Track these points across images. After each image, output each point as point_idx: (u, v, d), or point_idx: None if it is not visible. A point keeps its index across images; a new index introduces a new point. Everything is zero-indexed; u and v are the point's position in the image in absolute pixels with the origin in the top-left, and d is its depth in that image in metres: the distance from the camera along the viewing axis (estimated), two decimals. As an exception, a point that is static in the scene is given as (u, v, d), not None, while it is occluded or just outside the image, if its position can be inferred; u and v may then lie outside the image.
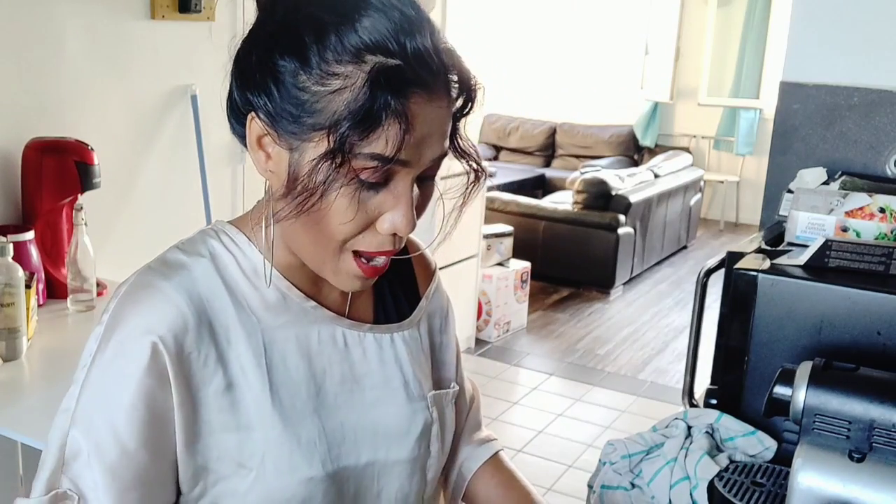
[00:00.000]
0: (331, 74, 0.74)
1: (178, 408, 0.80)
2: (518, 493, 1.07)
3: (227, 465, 0.82)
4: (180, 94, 2.60)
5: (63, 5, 2.21)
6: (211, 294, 0.83)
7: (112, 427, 0.78)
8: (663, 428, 1.34)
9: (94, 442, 0.78)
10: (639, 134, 7.84)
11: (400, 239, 0.82)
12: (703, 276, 1.49)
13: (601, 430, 3.70)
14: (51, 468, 0.80)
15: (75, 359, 0.84)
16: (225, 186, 2.83)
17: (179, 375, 0.79)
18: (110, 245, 2.39)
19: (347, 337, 0.90)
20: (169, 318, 0.79)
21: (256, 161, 0.81)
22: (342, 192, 0.76)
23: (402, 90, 0.74)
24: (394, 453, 0.91)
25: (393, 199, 0.78)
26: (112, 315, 0.81)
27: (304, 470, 0.84)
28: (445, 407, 0.99)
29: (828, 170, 1.76)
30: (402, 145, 0.74)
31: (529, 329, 4.91)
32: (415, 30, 0.75)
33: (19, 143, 2.07)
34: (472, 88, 0.80)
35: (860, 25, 1.81)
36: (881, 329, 1.20)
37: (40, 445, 1.47)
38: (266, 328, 0.85)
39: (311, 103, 0.75)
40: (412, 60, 0.74)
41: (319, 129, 0.75)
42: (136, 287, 0.82)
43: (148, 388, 0.78)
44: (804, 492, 0.99)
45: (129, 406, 0.78)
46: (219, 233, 0.88)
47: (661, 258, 6.43)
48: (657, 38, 7.98)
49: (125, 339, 0.79)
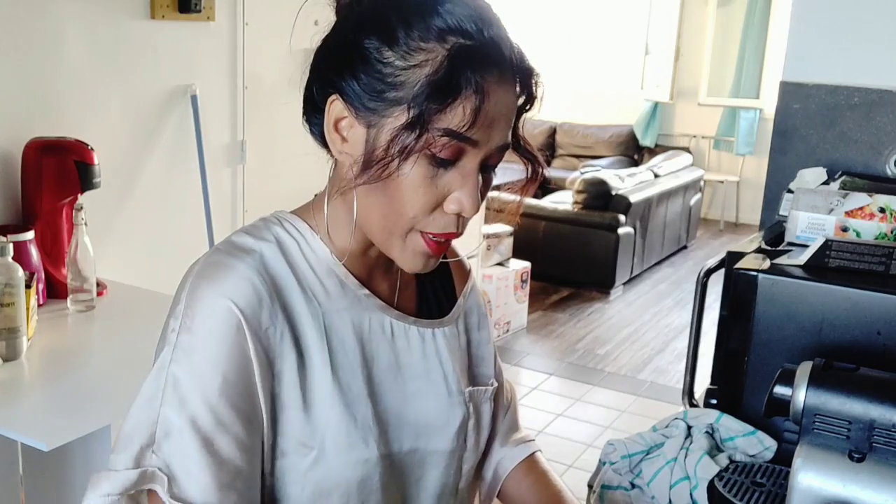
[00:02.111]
0: (415, 50, 0.79)
1: (260, 378, 0.82)
2: (550, 492, 1.08)
3: (290, 441, 0.84)
4: (180, 94, 2.60)
5: (63, 5, 2.20)
6: (279, 276, 0.86)
7: (206, 400, 0.79)
8: (663, 428, 1.34)
9: (188, 416, 0.79)
10: (639, 134, 7.84)
11: (463, 222, 0.85)
12: (703, 276, 1.49)
13: (601, 430, 3.70)
14: (140, 444, 0.79)
15: (75, 359, 0.84)
16: (225, 186, 2.83)
17: (259, 348, 0.82)
18: (110, 245, 2.39)
19: (395, 327, 0.94)
20: (245, 293, 0.82)
21: (332, 143, 0.85)
22: (417, 164, 0.80)
23: (480, 67, 0.79)
24: (433, 444, 0.94)
25: (461, 178, 0.82)
26: (189, 293, 0.83)
27: (362, 450, 0.86)
28: (482, 403, 1.01)
29: (828, 170, 1.76)
30: (476, 120, 0.79)
31: (529, 329, 4.91)
32: (491, 20, 0.82)
33: (19, 143, 2.07)
34: (535, 85, 0.86)
35: (860, 25, 1.81)
36: (881, 329, 1.20)
37: (40, 445, 1.47)
38: (326, 311, 0.88)
39: (393, 76, 0.80)
40: (489, 44, 0.80)
41: (400, 102, 0.80)
42: (208, 266, 0.84)
43: (237, 359, 0.80)
44: (804, 492, 0.99)
45: (222, 378, 0.80)
46: (282, 221, 0.91)
47: (661, 258, 6.42)
48: (657, 38, 7.98)
49: (208, 315, 0.81)
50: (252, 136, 2.86)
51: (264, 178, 2.90)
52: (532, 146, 0.90)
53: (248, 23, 2.75)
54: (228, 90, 2.78)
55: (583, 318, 5.16)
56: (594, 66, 8.31)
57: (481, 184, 0.84)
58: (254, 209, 2.88)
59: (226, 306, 0.81)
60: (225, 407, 0.80)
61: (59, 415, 1.60)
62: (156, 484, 0.78)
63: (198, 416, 0.79)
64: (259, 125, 2.86)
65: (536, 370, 4.34)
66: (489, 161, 0.84)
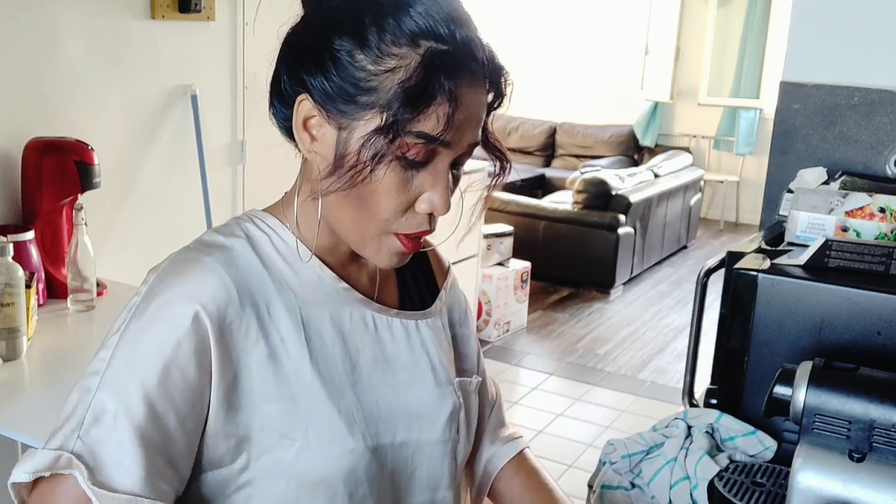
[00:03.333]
0: (387, 55, 0.79)
1: (217, 377, 0.81)
2: (541, 490, 1.08)
3: (270, 436, 0.84)
4: (180, 94, 2.60)
5: (63, 5, 2.21)
6: (250, 270, 0.86)
7: (143, 388, 0.78)
8: (663, 428, 1.34)
9: (122, 402, 0.78)
10: (639, 134, 7.84)
11: (434, 220, 0.86)
12: (703, 276, 1.48)
13: (601, 430, 3.70)
14: (70, 426, 0.79)
15: (75, 359, 0.85)
16: (225, 186, 2.83)
17: (220, 344, 0.81)
18: (110, 245, 2.39)
19: (377, 320, 0.93)
20: (212, 288, 0.81)
21: (301, 142, 0.85)
22: (390, 169, 0.81)
23: (453, 73, 0.79)
24: (426, 434, 0.94)
25: (432, 178, 0.83)
26: (151, 286, 0.83)
27: (346, 441, 0.86)
28: (470, 395, 1.02)
29: (828, 170, 1.76)
30: (449, 125, 0.79)
31: (529, 329, 4.91)
32: (463, 21, 0.81)
33: (19, 143, 2.07)
34: (504, 83, 0.86)
35: (860, 25, 1.81)
36: (881, 329, 1.20)
37: (40, 445, 1.47)
38: (303, 304, 0.88)
39: (366, 81, 0.80)
40: (461, 48, 0.80)
41: (372, 106, 0.80)
42: (176, 262, 0.84)
43: (184, 355, 0.79)
44: (804, 492, 0.99)
45: (164, 369, 0.79)
46: (252, 217, 0.91)
47: (661, 258, 6.42)
48: (657, 38, 7.98)
49: (165, 305, 0.80)
50: (252, 136, 2.86)
51: (264, 178, 2.90)
52: (500, 142, 0.91)
53: (248, 23, 2.76)
54: (228, 90, 2.78)
55: (583, 318, 5.16)
56: (594, 66, 8.31)
57: (451, 182, 0.85)
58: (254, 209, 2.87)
59: (186, 299, 0.80)
60: (162, 397, 0.78)
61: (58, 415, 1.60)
62: (72, 470, 0.76)
63: (132, 403, 0.78)
64: (259, 125, 2.86)
65: (536, 370, 4.34)
66: (459, 160, 0.85)
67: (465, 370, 1.06)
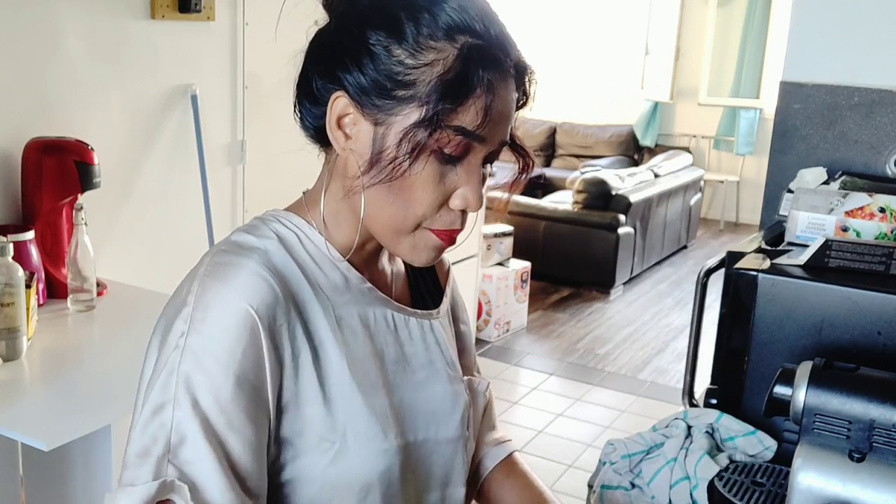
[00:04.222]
0: (424, 48, 0.79)
1: (270, 379, 0.81)
2: (533, 493, 1.09)
3: (309, 439, 0.83)
4: (180, 94, 2.60)
5: (63, 5, 2.20)
6: (287, 271, 0.85)
7: (218, 401, 0.78)
8: (663, 428, 1.34)
9: (200, 419, 0.77)
10: (639, 134, 7.84)
11: (465, 218, 0.87)
12: (703, 276, 1.49)
13: (601, 430, 3.70)
14: (157, 455, 0.77)
15: (75, 359, 0.84)
16: (225, 186, 2.83)
17: (272, 347, 0.81)
18: (110, 245, 2.39)
19: (396, 319, 0.94)
20: (260, 289, 0.81)
21: (335, 140, 0.84)
22: (427, 163, 0.81)
23: (490, 67, 0.80)
24: (442, 432, 0.94)
25: (466, 175, 0.83)
26: (198, 295, 0.81)
27: (381, 440, 0.86)
28: (478, 394, 1.03)
29: (828, 169, 1.76)
30: (486, 118, 0.80)
31: (529, 329, 4.91)
32: (494, 17, 0.83)
33: (19, 143, 2.07)
34: (529, 82, 0.87)
35: (860, 25, 1.81)
36: (881, 329, 1.20)
37: (40, 445, 1.47)
38: (335, 304, 0.88)
39: (403, 75, 0.80)
40: (496, 43, 0.81)
41: (410, 100, 0.80)
42: (216, 267, 0.82)
43: (250, 360, 0.79)
44: (804, 492, 0.99)
45: (235, 381, 0.78)
46: (278, 218, 0.90)
47: (661, 258, 6.42)
48: (657, 38, 7.98)
49: (220, 315, 0.79)
50: (252, 136, 2.86)
51: (264, 178, 2.90)
52: (523, 142, 0.91)
53: (248, 23, 2.76)
54: (228, 90, 2.78)
55: (583, 318, 5.15)
56: (594, 66, 8.31)
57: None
58: (254, 209, 2.88)
59: (240, 306, 0.79)
60: (236, 409, 0.78)
61: (59, 415, 1.60)
62: (175, 494, 0.76)
63: (210, 418, 0.77)
64: (259, 125, 2.86)
65: (536, 370, 4.34)
66: (490, 157, 0.86)
67: (466, 367, 1.07)
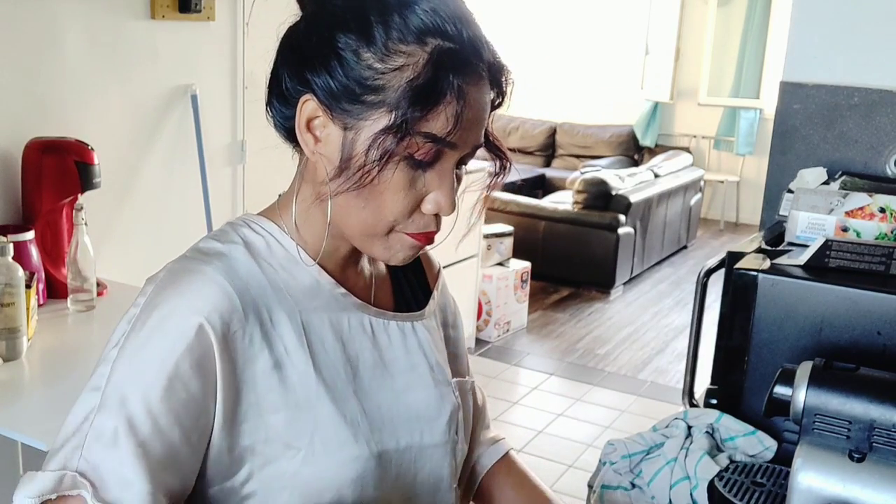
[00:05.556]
0: (394, 52, 0.78)
1: (222, 389, 0.79)
2: (534, 492, 1.09)
3: (274, 446, 0.82)
4: (180, 94, 2.60)
5: (63, 5, 2.20)
6: (250, 277, 0.84)
7: (146, 403, 0.76)
8: (663, 428, 1.34)
9: (125, 418, 0.76)
10: (639, 134, 7.84)
11: (439, 221, 0.85)
12: (703, 276, 1.48)
13: (601, 430, 3.70)
14: (72, 445, 0.77)
15: (75, 359, 0.84)
16: (225, 186, 2.83)
17: (225, 356, 0.79)
18: (110, 245, 2.39)
19: (374, 324, 0.92)
20: (215, 298, 0.80)
21: (304, 144, 0.84)
22: (397, 169, 0.80)
23: (461, 71, 0.78)
24: (428, 437, 0.93)
25: (438, 179, 0.82)
26: (150, 298, 0.81)
27: (352, 447, 0.84)
28: (467, 395, 1.02)
29: (828, 170, 1.76)
30: (458, 125, 0.78)
31: (529, 329, 4.91)
32: (469, 19, 0.81)
33: (19, 143, 2.07)
34: (506, 82, 0.85)
35: (860, 25, 1.81)
36: (881, 329, 1.20)
37: (40, 445, 1.47)
38: (303, 310, 0.86)
39: (372, 80, 0.78)
40: (468, 46, 0.79)
41: (379, 105, 0.78)
42: (175, 273, 0.82)
43: (188, 368, 0.78)
44: (804, 492, 0.99)
45: (166, 383, 0.77)
46: (248, 222, 0.90)
47: (661, 258, 6.42)
48: (657, 38, 7.98)
49: (166, 317, 0.79)
50: (252, 136, 2.87)
51: (264, 178, 2.90)
52: (501, 142, 0.90)
53: (248, 23, 2.76)
54: (228, 90, 2.78)
55: (583, 318, 5.15)
56: (594, 66, 8.31)
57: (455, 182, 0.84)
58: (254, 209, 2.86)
59: (186, 313, 0.78)
60: (164, 411, 0.77)
61: (59, 415, 1.58)
62: (79, 490, 0.74)
63: (135, 417, 0.76)
64: (259, 125, 2.84)
65: (536, 370, 4.34)
66: (463, 160, 0.84)
67: (457, 371, 1.05)
